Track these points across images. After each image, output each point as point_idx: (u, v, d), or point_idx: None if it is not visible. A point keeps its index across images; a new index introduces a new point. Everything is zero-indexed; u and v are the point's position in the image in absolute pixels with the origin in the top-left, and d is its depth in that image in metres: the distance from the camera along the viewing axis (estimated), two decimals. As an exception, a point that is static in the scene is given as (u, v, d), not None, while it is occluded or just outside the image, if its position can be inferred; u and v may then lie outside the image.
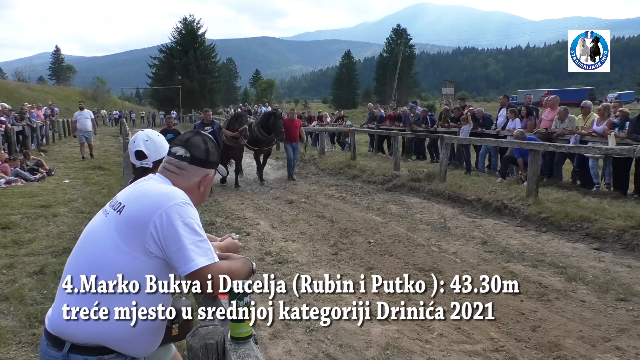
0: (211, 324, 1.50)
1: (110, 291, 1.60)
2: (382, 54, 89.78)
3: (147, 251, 1.60)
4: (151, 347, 1.80)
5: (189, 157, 1.81)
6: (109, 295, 1.60)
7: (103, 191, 9.44)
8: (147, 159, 2.50)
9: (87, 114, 15.20)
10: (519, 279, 5.09)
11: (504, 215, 7.78)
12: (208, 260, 1.60)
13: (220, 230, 6.94)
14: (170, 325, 1.93)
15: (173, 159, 1.82)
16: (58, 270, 4.77)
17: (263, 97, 76.22)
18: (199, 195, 1.86)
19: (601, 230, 6.37)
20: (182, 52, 57.06)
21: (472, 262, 5.70)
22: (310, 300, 4.60)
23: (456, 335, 3.91)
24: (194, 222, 1.64)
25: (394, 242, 6.55)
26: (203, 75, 57.63)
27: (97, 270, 1.61)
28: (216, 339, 1.44)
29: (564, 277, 5.12)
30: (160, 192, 1.69)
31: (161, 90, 54.71)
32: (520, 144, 8.98)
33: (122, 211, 1.67)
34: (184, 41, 57.54)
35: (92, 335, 1.59)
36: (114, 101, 66.92)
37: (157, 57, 59.28)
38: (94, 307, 1.59)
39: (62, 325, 1.61)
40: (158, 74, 58.37)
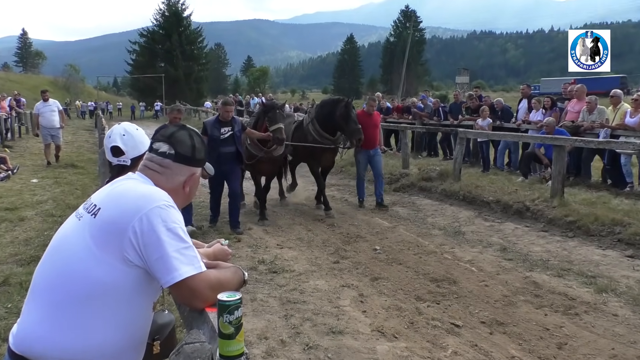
0: (197, 341, 1.49)
1: (84, 304, 1.59)
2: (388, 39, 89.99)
3: (125, 259, 1.58)
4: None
5: (174, 154, 1.80)
6: (83, 309, 1.59)
7: (76, 192, 9.42)
8: (125, 156, 2.50)
9: (53, 105, 13.10)
10: (543, 290, 5.09)
11: (525, 218, 7.77)
12: (194, 270, 1.59)
13: (208, 235, 6.93)
14: (151, 342, 1.93)
15: (155, 156, 1.81)
16: (25, 281, 4.75)
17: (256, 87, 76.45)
18: (184, 197, 1.85)
19: (635, 236, 6.36)
20: (165, 36, 56.93)
21: (490, 271, 5.70)
22: (309, 315, 4.61)
23: (472, 354, 3.90)
24: (178, 227, 1.63)
25: (402, 249, 6.54)
26: (188, 62, 57.50)
27: (69, 281, 1.60)
28: (203, 358, 1.43)
29: (593, 287, 5.10)
30: (140, 193, 1.68)
31: (142, 79, 54.60)
32: (544, 139, 8.98)
33: (97, 214, 1.66)
34: (168, 24, 57.41)
35: (64, 354, 1.58)
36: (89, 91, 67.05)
37: (137, 42, 59.13)
38: (66, 323, 1.58)
39: (28, 343, 1.60)
40: (138, 61, 58.25)
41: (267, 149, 7.73)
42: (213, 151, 6.69)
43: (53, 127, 12.88)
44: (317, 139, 8.32)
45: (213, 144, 6.86)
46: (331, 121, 8.22)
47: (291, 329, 4.34)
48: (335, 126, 8.24)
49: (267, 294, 5.08)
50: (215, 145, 6.91)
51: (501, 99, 13.86)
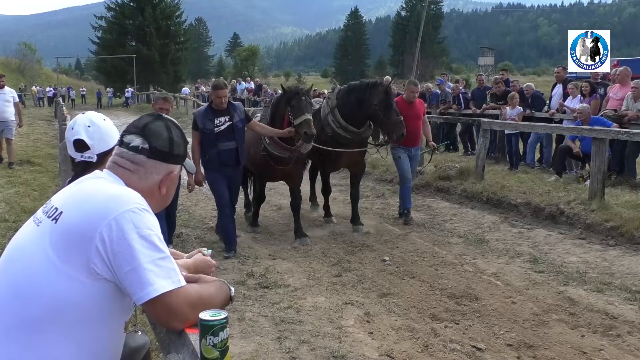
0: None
1: (45, 324, 1.59)
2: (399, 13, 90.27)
3: (91, 272, 1.59)
4: (98, 397, 1.80)
5: (148, 149, 1.80)
6: (43, 330, 1.59)
7: (33, 193, 9.44)
8: (90, 151, 2.51)
9: (8, 94, 12.10)
10: (580, 307, 5.11)
11: (559, 224, 7.79)
12: (172, 284, 1.60)
13: (188, 244, 6.95)
14: (122, 368, 1.94)
15: (126, 151, 1.82)
16: (-26, 297, 4.77)
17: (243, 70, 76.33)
18: (160, 199, 1.86)
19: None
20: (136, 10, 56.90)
21: (518, 285, 5.72)
22: (306, 337, 4.63)
23: (497, 382, 3.93)
24: (153, 234, 1.63)
25: (415, 260, 6.56)
26: (164, 40, 57.47)
27: (27, 297, 1.60)
28: (183, 386, 1.45)
29: (638, 304, 5.13)
30: (109, 194, 1.69)
31: (109, 60, 54.60)
32: (581, 130, 8.99)
33: (59, 219, 1.67)
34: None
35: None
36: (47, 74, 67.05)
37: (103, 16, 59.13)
38: (24, 345, 1.59)
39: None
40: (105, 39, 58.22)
41: (293, 147, 6.94)
42: (210, 149, 6.54)
43: (5, 119, 11.92)
44: (340, 134, 7.50)
45: (208, 140, 6.56)
46: (362, 111, 7.39)
47: (285, 352, 4.36)
48: (369, 117, 7.47)
49: (258, 313, 5.09)
50: (210, 141, 6.55)
51: (532, 84, 13.85)
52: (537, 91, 12.66)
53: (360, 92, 7.44)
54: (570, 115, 10.63)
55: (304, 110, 6.62)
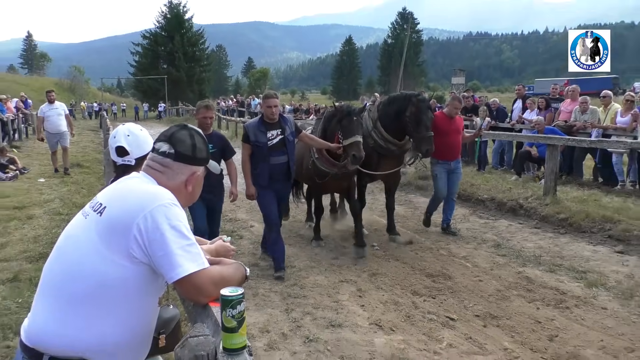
0: (202, 334, 1.51)
1: (92, 300, 1.60)
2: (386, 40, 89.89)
3: (130, 256, 1.60)
4: (137, 359, 1.81)
5: (174, 154, 1.81)
6: (91, 304, 1.60)
7: (82, 191, 9.44)
8: (129, 156, 2.51)
9: (59, 108, 11.52)
10: (535, 285, 5.12)
11: (519, 216, 7.80)
12: (197, 266, 1.61)
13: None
14: (157, 335, 1.95)
15: (157, 155, 1.83)
16: (34, 277, 4.79)
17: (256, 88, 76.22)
18: (187, 196, 1.86)
19: (625, 232, 6.40)
20: (167, 38, 56.82)
21: (484, 266, 5.73)
22: (309, 309, 4.64)
23: (467, 346, 3.93)
24: (181, 225, 1.64)
25: (399, 246, 6.56)
26: (190, 63, 57.38)
27: (77, 277, 1.62)
28: (207, 350, 1.45)
29: (583, 282, 5.14)
30: (144, 192, 1.70)
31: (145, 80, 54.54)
32: (537, 138, 9.00)
33: (103, 213, 1.67)
34: (169, 26, 57.28)
35: (73, 347, 1.60)
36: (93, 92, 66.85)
37: (140, 43, 58.99)
38: (74, 317, 1.60)
39: (39, 337, 1.62)
40: (141, 63, 58.11)
41: (341, 164, 5.86)
42: (262, 163, 5.40)
43: (59, 131, 11.44)
44: (382, 145, 6.46)
45: (260, 154, 5.39)
46: (398, 122, 6.39)
47: (292, 322, 4.37)
48: (403, 129, 6.40)
49: (269, 289, 5.11)
50: (263, 155, 5.38)
51: (497, 99, 13.88)
52: (501, 105, 12.67)
53: (398, 103, 6.47)
54: (529, 126, 10.63)
55: (354, 132, 5.57)
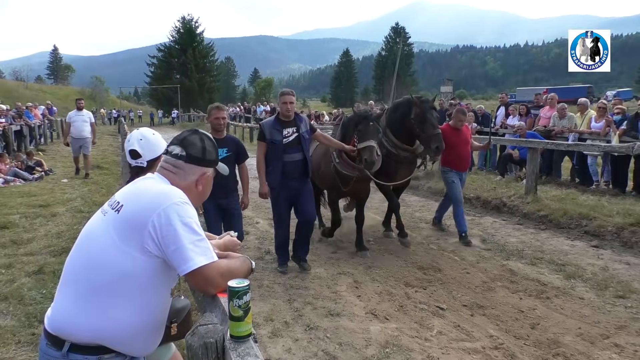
0: (210, 323, 1.50)
1: (110, 290, 1.60)
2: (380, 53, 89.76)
3: (145, 250, 1.59)
4: (151, 346, 1.80)
5: (185, 156, 1.81)
6: (108, 295, 1.60)
7: (102, 190, 9.43)
8: (141, 158, 2.48)
9: (85, 116, 11.28)
10: (518, 277, 5.10)
11: (502, 213, 7.79)
12: (207, 260, 1.60)
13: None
14: (169, 324, 1.93)
15: (170, 157, 1.83)
16: (57, 269, 4.77)
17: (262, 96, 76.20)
18: (198, 195, 1.85)
19: (600, 228, 6.39)
20: (180, 51, 56.93)
21: (471, 260, 5.71)
22: (310, 299, 4.62)
23: (455, 333, 3.92)
24: (192, 222, 1.63)
25: (392, 241, 6.55)
26: (202, 74, 57.51)
27: (96, 270, 1.61)
28: (216, 337, 1.44)
29: (562, 274, 5.13)
30: (158, 191, 1.69)
31: (160, 89, 54.62)
32: (519, 142, 8.99)
33: (120, 210, 1.67)
34: (183, 40, 57.40)
35: (92, 335, 1.59)
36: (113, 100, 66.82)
37: (155, 56, 59.10)
38: (93, 306, 1.59)
39: (61, 325, 1.61)
40: (157, 73, 58.20)
41: (360, 166, 5.38)
42: (276, 161, 5.04)
43: (82, 137, 11.19)
44: (392, 151, 6.07)
45: (275, 151, 5.04)
46: (405, 126, 6.02)
47: (294, 311, 4.35)
48: (411, 132, 6.02)
49: (273, 281, 5.09)
50: (278, 153, 5.03)
51: (482, 106, 13.89)
52: (486, 112, 12.67)
53: (402, 108, 6.14)
54: (511, 130, 10.62)
55: (368, 137, 5.17)
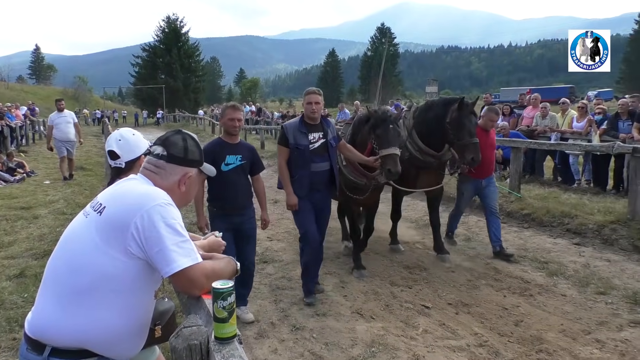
0: (195, 325, 1.50)
1: (92, 293, 1.58)
2: (366, 53, 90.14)
3: (128, 252, 1.58)
4: (134, 349, 1.78)
5: (166, 156, 1.80)
6: (91, 298, 1.58)
7: (85, 192, 9.31)
8: (120, 159, 2.44)
9: (68, 117, 10.75)
10: (502, 275, 5.15)
11: (487, 212, 7.85)
12: (191, 261, 1.59)
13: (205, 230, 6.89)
14: (153, 326, 1.92)
15: (152, 158, 1.82)
16: (39, 273, 4.70)
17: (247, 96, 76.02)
18: (181, 195, 1.83)
19: (581, 226, 6.48)
20: (165, 50, 56.53)
21: (455, 258, 5.74)
22: (296, 300, 4.61)
23: (441, 332, 3.94)
24: (176, 223, 1.62)
25: (378, 240, 6.54)
26: (187, 74, 57.21)
27: (78, 272, 1.59)
28: (200, 339, 1.43)
29: (545, 272, 5.19)
30: (141, 192, 1.68)
31: (144, 89, 54.18)
32: (502, 141, 9.07)
33: (102, 212, 1.65)
34: (167, 40, 57.01)
35: (73, 339, 1.57)
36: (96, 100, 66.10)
37: (140, 55, 58.62)
38: (75, 310, 1.57)
39: (42, 329, 1.59)
40: (141, 73, 57.73)
41: (371, 174, 4.81)
42: (302, 170, 4.29)
43: (69, 139, 10.71)
44: (418, 157, 5.37)
45: (301, 159, 4.28)
46: (439, 130, 5.22)
47: (280, 312, 4.35)
48: (444, 137, 5.24)
49: (259, 282, 5.07)
50: (304, 160, 4.28)
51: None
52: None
53: (437, 109, 5.36)
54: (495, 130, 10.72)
55: (390, 142, 4.37)
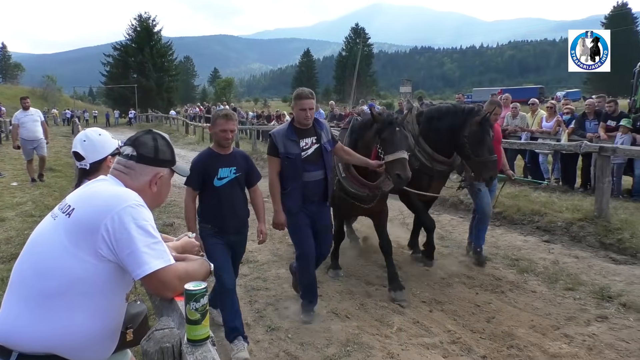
0: (167, 327, 1.48)
1: (61, 297, 1.54)
2: (341, 53, 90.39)
3: (98, 255, 1.55)
4: (105, 353, 1.75)
5: (136, 156, 1.78)
6: (60, 301, 1.55)
7: (54, 194, 9.08)
8: (85, 160, 2.38)
9: (35, 115, 10.28)
10: (475, 272, 5.24)
11: (460, 210, 7.97)
12: (163, 263, 1.58)
13: (179, 231, 6.80)
14: (124, 330, 1.89)
15: (121, 158, 1.79)
16: (6, 277, 4.56)
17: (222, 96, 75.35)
18: (152, 196, 1.81)
19: (551, 223, 6.64)
20: (137, 49, 55.52)
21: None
22: (272, 300, 4.60)
23: (415, 329, 3.99)
24: (147, 224, 1.60)
25: (353, 238, 6.58)
26: (160, 73, 56.29)
27: (46, 276, 1.56)
28: (172, 342, 1.42)
29: (516, 269, 5.30)
30: (111, 194, 1.65)
31: (116, 89, 53.14)
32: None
33: (71, 214, 1.62)
34: (139, 39, 56.01)
35: (42, 344, 1.54)
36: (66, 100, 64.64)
37: (111, 54, 57.45)
38: (44, 314, 1.54)
39: (8, 334, 1.55)
40: (112, 72, 56.57)
41: (373, 184, 4.35)
42: (294, 182, 3.91)
43: (36, 138, 10.22)
44: (427, 165, 5.08)
45: (292, 169, 3.90)
46: (450, 140, 4.92)
47: (255, 313, 4.33)
48: (456, 149, 5.01)
49: (234, 283, 5.03)
50: (296, 171, 3.90)
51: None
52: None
53: (451, 118, 4.92)
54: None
55: (398, 146, 3.99)
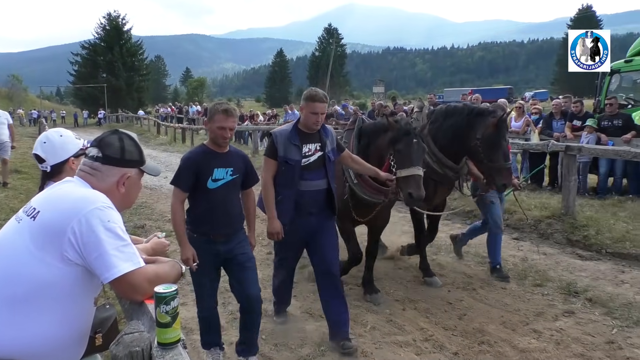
0: (136, 331, 1.45)
1: (26, 302, 1.50)
2: (314, 53, 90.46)
3: (65, 258, 1.52)
4: (74, 359, 1.72)
5: (102, 157, 1.74)
6: (25, 307, 1.51)
7: (20, 196, 8.82)
8: (45, 163, 2.31)
9: (2, 117, 9.66)
10: (447, 270, 5.32)
11: (432, 209, 8.06)
12: (132, 266, 1.55)
13: (150, 233, 6.67)
14: (93, 334, 1.85)
15: (87, 160, 1.76)
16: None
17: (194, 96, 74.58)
18: (121, 197, 1.78)
19: (520, 221, 6.80)
20: (106, 48, 54.37)
21: (402, 256, 5.85)
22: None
23: (388, 328, 4.02)
24: (116, 226, 1.57)
25: (328, 239, 6.59)
26: (130, 73, 55.26)
27: (10, 281, 1.51)
28: (142, 346, 1.39)
29: (487, 266, 5.39)
30: (78, 196, 1.62)
31: (84, 88, 51.93)
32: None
33: (36, 217, 1.58)
34: (109, 37, 54.86)
35: (7, 350, 1.49)
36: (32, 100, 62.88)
37: (79, 53, 56.11)
38: (8, 320, 1.49)
39: (-30, 342, 1.49)
40: (81, 72, 55.26)
41: (387, 189, 3.99)
42: (288, 188, 3.57)
43: (2, 141, 9.57)
44: (436, 170, 4.63)
45: (288, 175, 3.55)
46: (460, 143, 4.54)
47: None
48: (467, 152, 4.63)
49: (207, 285, 4.98)
50: (292, 177, 3.55)
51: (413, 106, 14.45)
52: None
53: (462, 118, 4.56)
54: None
55: (414, 161, 3.69)
